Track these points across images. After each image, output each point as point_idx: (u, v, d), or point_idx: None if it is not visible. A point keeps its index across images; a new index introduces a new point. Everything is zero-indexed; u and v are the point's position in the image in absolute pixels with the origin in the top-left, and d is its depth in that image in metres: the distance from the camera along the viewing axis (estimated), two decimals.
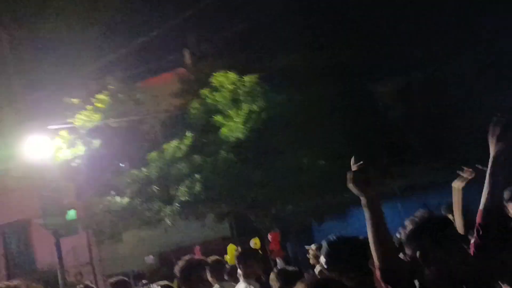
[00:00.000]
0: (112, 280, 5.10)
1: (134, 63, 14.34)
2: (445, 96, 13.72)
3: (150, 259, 12.68)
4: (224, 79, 11.06)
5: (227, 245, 9.89)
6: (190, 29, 15.79)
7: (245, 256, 4.58)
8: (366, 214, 2.03)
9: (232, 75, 11.03)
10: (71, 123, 10.26)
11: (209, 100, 11.15)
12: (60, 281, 9.91)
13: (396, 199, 13.71)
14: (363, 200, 2.04)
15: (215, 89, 11.14)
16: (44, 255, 13.76)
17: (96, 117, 10.39)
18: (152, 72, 14.63)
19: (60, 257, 10.19)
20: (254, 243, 7.58)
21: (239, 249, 4.78)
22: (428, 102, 13.91)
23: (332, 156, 10.22)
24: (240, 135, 10.41)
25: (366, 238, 2.14)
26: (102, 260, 12.87)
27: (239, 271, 5.38)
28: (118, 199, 10.48)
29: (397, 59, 14.41)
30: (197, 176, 10.15)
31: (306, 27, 13.68)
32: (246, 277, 4.41)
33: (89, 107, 10.45)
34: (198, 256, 7.91)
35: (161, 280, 4.47)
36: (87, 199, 11.09)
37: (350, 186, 2.05)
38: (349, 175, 2.06)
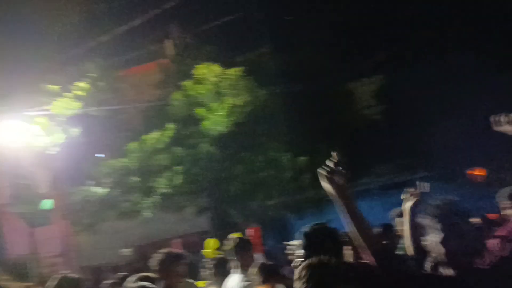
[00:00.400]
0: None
1: (115, 51, 14.06)
2: (423, 97, 13.90)
3: (126, 251, 12.49)
4: (207, 71, 10.93)
5: (205, 239, 9.80)
6: (174, 19, 15.56)
7: (243, 247, 4.49)
8: (340, 210, 2.17)
9: (215, 68, 10.91)
10: (49, 110, 9.99)
11: (191, 92, 11.01)
12: (32, 272, 9.68)
13: (374, 197, 13.85)
14: (333, 198, 2.19)
15: (197, 81, 11.00)
16: (16, 245, 13.42)
17: (75, 105, 10.12)
18: (134, 61, 14.36)
19: (33, 247, 9.95)
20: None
21: (237, 239, 4.64)
22: (406, 102, 14.08)
23: (311, 152, 10.23)
24: (223, 129, 10.31)
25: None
26: (77, 251, 12.62)
27: (211, 265, 5.28)
28: (96, 189, 10.27)
29: (377, 58, 14.52)
30: (177, 168, 10.02)
31: (289, 22, 13.66)
32: (243, 268, 4.35)
33: (67, 94, 10.18)
34: (176, 249, 7.81)
35: (137, 272, 4.34)
36: (64, 188, 10.84)
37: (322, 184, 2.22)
38: (319, 175, 2.22)
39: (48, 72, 10.82)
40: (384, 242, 4.81)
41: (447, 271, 2.10)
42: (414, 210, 3.18)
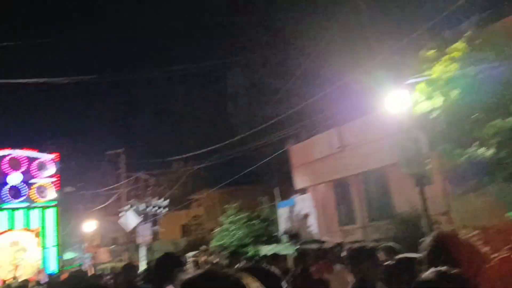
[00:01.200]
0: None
1: (485, 5, 13.19)
2: None
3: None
4: None
5: None
6: None
7: None
8: None
9: None
10: (428, 75, 10.36)
11: None
12: (423, 229, 10.38)
13: None
14: None
15: None
16: (401, 201, 14.77)
17: (453, 67, 10.11)
18: (506, 13, 13.09)
19: (421, 205, 10.73)
20: None
21: None
22: None
23: None
24: None
25: None
26: (458, 211, 12.78)
27: None
28: (481, 150, 10.04)
29: None
30: None
31: None
32: None
33: (444, 57, 10.27)
34: None
35: None
36: (445, 150, 11.08)
37: None
38: None
39: (424, 39, 11.20)
40: None
41: None
42: None
